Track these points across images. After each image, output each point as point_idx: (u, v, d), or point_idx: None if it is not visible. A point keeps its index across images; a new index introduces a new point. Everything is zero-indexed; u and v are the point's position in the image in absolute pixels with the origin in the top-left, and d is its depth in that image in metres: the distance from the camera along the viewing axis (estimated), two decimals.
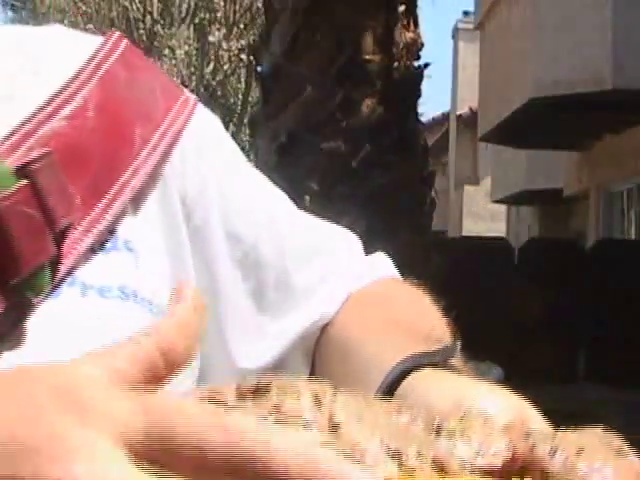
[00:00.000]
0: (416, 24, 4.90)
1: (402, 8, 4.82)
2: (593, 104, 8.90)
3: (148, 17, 16.84)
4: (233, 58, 17.02)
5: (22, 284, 0.52)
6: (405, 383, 0.51)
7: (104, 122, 0.60)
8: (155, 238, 0.63)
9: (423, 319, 0.64)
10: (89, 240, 0.57)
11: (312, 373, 0.67)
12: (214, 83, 17.04)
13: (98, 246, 0.58)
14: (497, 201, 16.10)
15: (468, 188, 19.40)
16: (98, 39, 0.65)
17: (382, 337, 0.59)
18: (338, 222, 0.75)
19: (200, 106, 0.68)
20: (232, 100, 17.01)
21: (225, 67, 17.13)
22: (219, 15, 16.91)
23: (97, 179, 0.58)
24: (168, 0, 16.97)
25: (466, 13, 18.60)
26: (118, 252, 0.60)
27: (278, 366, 0.66)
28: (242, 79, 16.77)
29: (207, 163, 0.67)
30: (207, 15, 17.03)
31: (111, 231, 0.59)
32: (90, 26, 17.07)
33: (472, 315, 6.19)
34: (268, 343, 0.66)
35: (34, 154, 0.54)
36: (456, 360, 0.56)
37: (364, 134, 4.65)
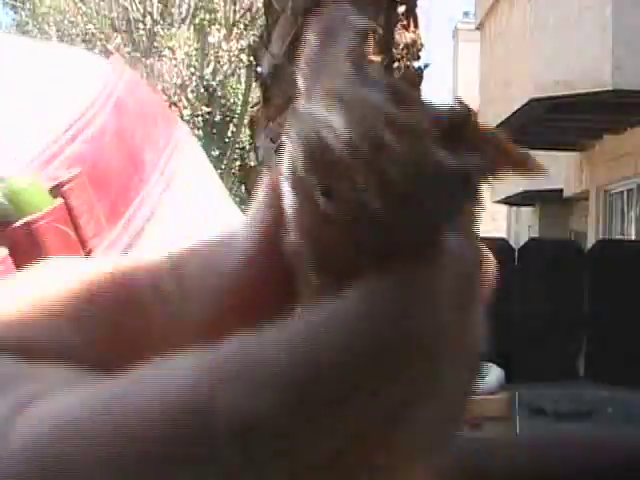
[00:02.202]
0: (416, 24, 4.90)
1: (402, 8, 4.82)
2: (593, 104, 8.91)
3: (148, 18, 16.85)
4: (233, 59, 17.03)
5: None
6: None
7: (119, 147, 0.62)
8: None
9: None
10: None
11: None
12: (214, 83, 17.05)
13: None
14: (497, 201, 16.11)
15: None
16: (102, 61, 0.67)
17: None
18: None
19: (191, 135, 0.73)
20: (232, 100, 17.02)
21: (225, 68, 17.14)
22: (219, 16, 16.93)
23: (115, 202, 0.61)
24: (168, 1, 16.98)
25: (466, 13, 18.62)
26: None
27: None
28: (242, 79, 16.79)
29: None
30: (207, 16, 17.05)
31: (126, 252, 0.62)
32: (90, 26, 17.10)
33: None
34: None
35: (65, 174, 0.56)
36: None
37: None
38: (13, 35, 0.67)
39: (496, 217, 18.18)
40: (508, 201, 15.85)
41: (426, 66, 5.01)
